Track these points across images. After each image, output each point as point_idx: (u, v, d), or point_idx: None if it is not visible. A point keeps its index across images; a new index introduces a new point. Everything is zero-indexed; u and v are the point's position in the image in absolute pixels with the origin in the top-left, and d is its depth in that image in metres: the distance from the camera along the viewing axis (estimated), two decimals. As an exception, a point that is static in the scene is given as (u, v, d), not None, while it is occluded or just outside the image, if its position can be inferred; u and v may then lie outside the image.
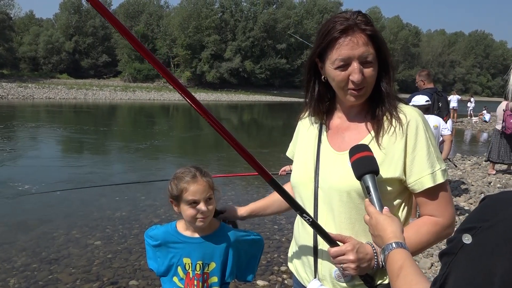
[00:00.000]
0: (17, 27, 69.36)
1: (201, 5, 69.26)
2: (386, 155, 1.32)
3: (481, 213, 0.67)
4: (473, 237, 0.64)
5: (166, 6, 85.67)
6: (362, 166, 1.22)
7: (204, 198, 1.61)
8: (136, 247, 4.76)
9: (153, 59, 1.06)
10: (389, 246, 1.06)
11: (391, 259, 1.03)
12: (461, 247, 0.65)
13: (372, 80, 1.34)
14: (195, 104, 1.11)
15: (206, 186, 1.63)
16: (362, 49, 1.28)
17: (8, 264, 4.27)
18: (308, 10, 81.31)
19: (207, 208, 1.61)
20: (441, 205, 1.33)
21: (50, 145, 12.46)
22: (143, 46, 1.04)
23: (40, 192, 6.91)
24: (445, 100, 5.99)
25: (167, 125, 20.55)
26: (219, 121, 1.18)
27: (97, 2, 0.96)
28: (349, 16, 1.30)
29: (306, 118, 1.59)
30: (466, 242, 0.64)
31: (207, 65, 67.05)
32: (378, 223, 1.12)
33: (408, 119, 1.34)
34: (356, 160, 1.24)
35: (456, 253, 0.65)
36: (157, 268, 1.72)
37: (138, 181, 7.61)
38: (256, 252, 1.80)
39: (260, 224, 5.57)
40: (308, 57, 1.43)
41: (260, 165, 1.23)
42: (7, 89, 35.19)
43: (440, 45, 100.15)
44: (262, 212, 1.79)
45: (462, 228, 0.67)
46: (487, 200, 0.69)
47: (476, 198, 6.75)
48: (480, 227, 0.64)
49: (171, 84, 1.09)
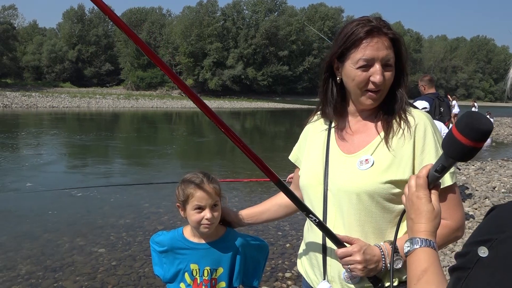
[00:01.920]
0: (21, 36, 70.13)
1: (203, 13, 69.82)
2: (395, 157, 1.33)
3: (495, 224, 0.63)
4: (490, 249, 0.60)
5: (169, 15, 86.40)
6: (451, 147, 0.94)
7: (210, 204, 1.61)
8: (140, 254, 4.76)
9: (165, 67, 1.08)
10: (417, 241, 0.92)
11: (415, 257, 0.91)
12: (477, 261, 0.61)
13: (389, 84, 1.36)
14: (205, 110, 1.14)
15: (212, 193, 1.62)
16: (385, 52, 1.30)
17: (13, 272, 4.28)
18: (310, 17, 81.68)
19: (212, 214, 1.61)
20: (450, 207, 1.32)
21: (55, 150, 12.51)
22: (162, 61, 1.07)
23: (36, 191, 6.94)
24: (446, 105, 5.99)
25: (169, 131, 20.60)
26: (227, 124, 1.20)
27: (113, 15, 0.98)
28: (372, 19, 1.33)
29: (315, 121, 1.60)
30: (482, 255, 0.60)
31: (209, 72, 67.46)
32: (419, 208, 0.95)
33: (417, 122, 1.35)
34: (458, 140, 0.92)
35: (472, 267, 0.61)
36: (163, 274, 1.71)
37: (140, 183, 7.63)
38: (261, 257, 1.79)
39: (264, 230, 5.57)
40: (328, 56, 1.43)
41: (267, 166, 1.25)
42: (11, 98, 35.40)
43: (442, 51, 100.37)
44: (257, 217, 1.76)
45: (475, 240, 0.63)
46: (498, 211, 0.65)
47: (481, 203, 6.72)
48: (496, 239, 0.60)
49: (180, 86, 1.11)
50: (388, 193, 1.31)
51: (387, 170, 1.32)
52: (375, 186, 1.31)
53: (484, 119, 0.85)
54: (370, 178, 1.32)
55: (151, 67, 67.95)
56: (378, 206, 1.32)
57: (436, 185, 0.99)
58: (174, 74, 1.14)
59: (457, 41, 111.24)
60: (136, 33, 1.06)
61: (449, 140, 0.90)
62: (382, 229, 1.35)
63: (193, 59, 68.27)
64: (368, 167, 1.34)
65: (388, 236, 1.35)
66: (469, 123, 0.85)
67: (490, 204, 6.64)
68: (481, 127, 0.84)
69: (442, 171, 0.96)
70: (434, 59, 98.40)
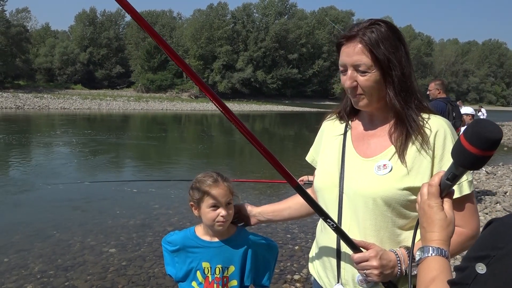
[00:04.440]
0: (34, 39, 71.09)
1: (213, 16, 70.16)
2: (413, 164, 1.32)
3: (493, 240, 0.63)
4: (488, 266, 0.60)
5: (179, 18, 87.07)
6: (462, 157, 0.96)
7: (225, 202, 1.65)
8: (150, 255, 4.80)
9: (191, 73, 1.11)
10: (429, 250, 0.93)
11: (426, 265, 0.92)
12: (474, 278, 0.61)
13: (369, 89, 1.33)
14: (228, 113, 1.16)
15: (227, 191, 1.66)
16: (355, 58, 1.31)
17: (26, 270, 4.34)
18: (320, 21, 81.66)
19: (228, 212, 1.65)
20: (466, 215, 1.32)
21: (62, 149, 12.66)
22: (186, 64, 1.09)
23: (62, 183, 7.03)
24: (458, 110, 5.95)
25: (178, 134, 20.71)
26: (248, 128, 1.21)
27: (141, 19, 1.01)
28: (361, 25, 1.33)
29: (332, 120, 1.60)
30: (480, 272, 0.60)
31: (219, 75, 67.71)
32: (431, 216, 0.95)
33: (437, 129, 1.33)
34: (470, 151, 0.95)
35: (470, 284, 0.61)
36: (175, 273, 1.73)
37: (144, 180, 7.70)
38: (271, 258, 1.81)
39: (272, 233, 5.58)
40: None
41: (287, 171, 1.25)
42: (24, 99, 35.92)
43: (453, 54, 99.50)
44: (278, 214, 1.76)
45: (473, 256, 0.63)
46: (496, 225, 0.64)
47: (492, 208, 6.67)
48: (494, 256, 0.60)
49: (205, 92, 1.12)
50: (405, 200, 1.30)
51: (405, 176, 1.31)
52: (392, 192, 1.30)
53: (493, 127, 0.82)
54: (387, 184, 1.31)
55: (161, 69, 68.37)
56: (394, 211, 1.32)
57: (449, 192, 0.97)
58: (194, 73, 1.15)
59: (469, 44, 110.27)
60: (161, 36, 1.08)
61: (458, 149, 0.88)
62: (397, 235, 1.34)
63: (203, 62, 68.59)
64: (386, 173, 1.33)
65: (403, 241, 1.35)
66: (476, 132, 0.83)
67: (501, 209, 6.59)
68: (489, 135, 0.82)
69: (454, 179, 0.94)
70: (445, 63, 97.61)
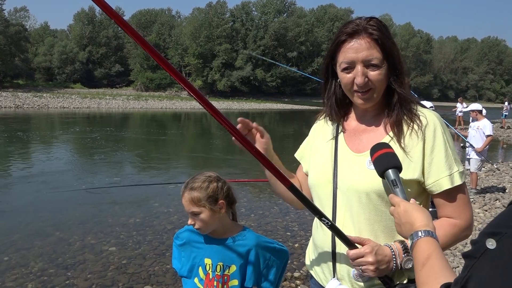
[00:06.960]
0: (32, 38, 70.81)
1: (212, 15, 69.96)
2: (404, 157, 1.33)
3: (507, 218, 0.64)
4: (498, 242, 0.61)
5: (178, 16, 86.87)
6: (385, 161, 1.24)
7: (189, 212, 1.64)
8: (150, 253, 4.81)
9: (172, 70, 1.09)
10: (418, 234, 1.03)
11: (418, 247, 1.01)
12: (483, 252, 0.62)
13: (379, 84, 1.34)
14: (216, 114, 1.15)
15: (188, 202, 1.64)
16: (366, 53, 1.30)
17: (26, 269, 4.35)
18: (319, 18, 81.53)
19: (194, 221, 1.64)
20: (459, 207, 1.34)
21: (62, 149, 12.66)
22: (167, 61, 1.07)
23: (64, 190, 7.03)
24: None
25: (178, 131, 20.70)
26: (238, 129, 1.21)
27: (117, 16, 1.00)
28: (360, 21, 1.34)
29: (322, 119, 1.60)
30: (489, 247, 0.62)
31: (218, 73, 67.57)
32: (407, 211, 1.11)
33: (427, 122, 1.35)
34: (379, 156, 1.25)
35: (479, 257, 0.63)
36: (180, 267, 1.75)
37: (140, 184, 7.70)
38: (278, 262, 1.77)
39: (273, 231, 5.58)
40: (324, 59, 1.47)
41: (279, 171, 1.25)
42: (23, 98, 35.89)
43: (452, 52, 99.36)
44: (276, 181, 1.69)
45: (486, 231, 0.64)
46: None
47: (491, 205, 6.67)
48: (506, 233, 0.61)
49: (187, 89, 1.12)
50: None
51: None
52: (385, 186, 1.31)
53: None
54: (379, 178, 1.31)
55: (160, 68, 67.71)
56: (388, 205, 1.32)
57: None
58: (179, 74, 1.12)
59: (468, 42, 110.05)
60: (142, 36, 1.05)
61: (375, 164, 1.27)
62: (392, 228, 1.35)
63: (202, 60, 68.41)
64: None
65: (398, 235, 1.34)
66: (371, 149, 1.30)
67: (500, 206, 6.59)
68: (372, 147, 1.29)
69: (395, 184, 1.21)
70: (444, 60, 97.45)
